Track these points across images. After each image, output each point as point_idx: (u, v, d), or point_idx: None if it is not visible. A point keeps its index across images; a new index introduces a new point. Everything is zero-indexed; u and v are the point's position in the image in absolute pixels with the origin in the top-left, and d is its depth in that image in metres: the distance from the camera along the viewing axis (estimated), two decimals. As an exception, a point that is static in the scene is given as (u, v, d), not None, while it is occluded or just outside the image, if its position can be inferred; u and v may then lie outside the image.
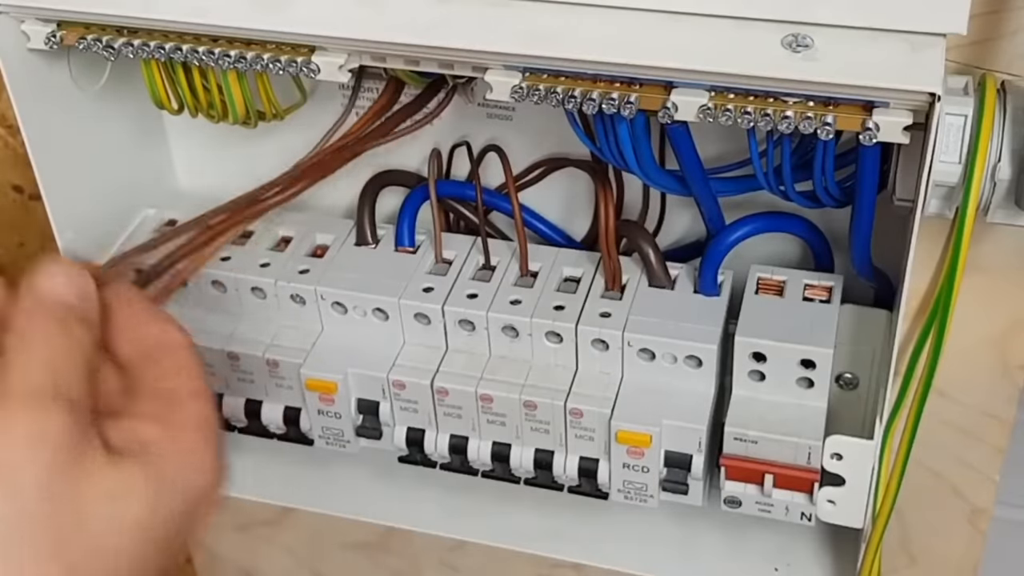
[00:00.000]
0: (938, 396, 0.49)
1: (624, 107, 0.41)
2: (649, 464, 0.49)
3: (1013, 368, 0.49)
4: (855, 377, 0.51)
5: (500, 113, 0.53)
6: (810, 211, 0.49)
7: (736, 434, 0.48)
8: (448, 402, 0.51)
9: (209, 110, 0.51)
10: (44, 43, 0.47)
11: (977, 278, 0.46)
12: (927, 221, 0.43)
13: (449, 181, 0.55)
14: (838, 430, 0.47)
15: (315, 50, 0.45)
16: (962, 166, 0.41)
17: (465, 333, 0.51)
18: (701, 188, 0.48)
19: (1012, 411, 0.50)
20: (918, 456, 0.49)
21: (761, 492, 0.49)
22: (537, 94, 0.42)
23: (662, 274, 0.51)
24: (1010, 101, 0.41)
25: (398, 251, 0.54)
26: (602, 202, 0.52)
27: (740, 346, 0.48)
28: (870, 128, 0.39)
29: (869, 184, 0.43)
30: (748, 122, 0.41)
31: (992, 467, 0.52)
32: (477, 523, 0.58)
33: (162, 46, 0.46)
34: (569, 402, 0.50)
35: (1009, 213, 0.42)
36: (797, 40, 0.40)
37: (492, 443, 0.52)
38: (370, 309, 0.52)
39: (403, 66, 0.45)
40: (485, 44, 0.42)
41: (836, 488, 0.48)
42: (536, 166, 0.54)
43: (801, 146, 0.45)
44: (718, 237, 0.50)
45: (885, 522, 0.49)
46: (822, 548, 0.56)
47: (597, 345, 0.50)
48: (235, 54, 0.45)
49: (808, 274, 0.50)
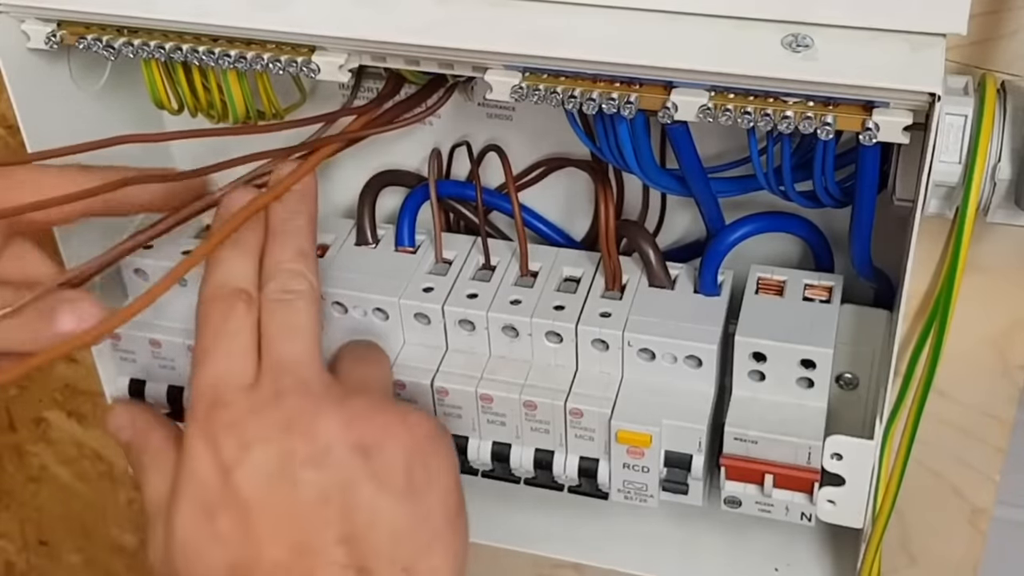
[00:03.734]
0: (938, 396, 0.49)
1: (624, 107, 0.41)
2: (649, 464, 0.49)
3: (1013, 368, 0.49)
4: (855, 377, 0.51)
5: (500, 113, 0.53)
6: (810, 211, 0.49)
7: (736, 434, 0.48)
8: (448, 402, 0.51)
9: (209, 110, 0.51)
10: (44, 43, 0.47)
11: (977, 278, 0.46)
12: (927, 221, 0.43)
13: (449, 181, 0.55)
14: (838, 430, 0.47)
15: (315, 50, 0.45)
16: (962, 166, 0.41)
17: (465, 333, 0.51)
18: (701, 188, 0.48)
19: (1012, 411, 0.50)
20: (918, 456, 0.49)
21: (761, 492, 0.49)
22: (537, 94, 0.42)
23: (662, 274, 0.51)
24: (1010, 101, 0.41)
25: (398, 251, 0.54)
26: (602, 202, 0.52)
27: (740, 346, 0.48)
28: (870, 128, 0.39)
29: (869, 184, 0.43)
30: (748, 122, 0.41)
31: (992, 467, 0.52)
32: (477, 523, 0.57)
33: (162, 46, 0.46)
34: (569, 402, 0.50)
35: (1009, 213, 0.42)
36: (797, 40, 0.40)
37: (492, 443, 0.52)
38: (370, 309, 0.52)
39: (403, 66, 0.45)
40: (485, 44, 0.42)
41: (836, 488, 0.48)
42: (536, 166, 0.54)
43: (801, 146, 0.45)
44: (718, 237, 0.50)
45: (885, 522, 0.49)
46: (822, 548, 0.56)
47: (597, 345, 0.50)
48: (235, 54, 0.45)
49: (808, 274, 0.50)
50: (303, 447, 0.40)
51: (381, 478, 0.40)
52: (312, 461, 0.39)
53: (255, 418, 0.40)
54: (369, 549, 0.39)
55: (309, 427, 0.40)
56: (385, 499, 0.40)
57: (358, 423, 0.40)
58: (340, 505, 0.39)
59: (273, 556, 0.38)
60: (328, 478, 0.39)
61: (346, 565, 0.38)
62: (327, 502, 0.39)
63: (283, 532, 0.39)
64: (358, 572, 0.38)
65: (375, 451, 0.40)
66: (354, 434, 0.40)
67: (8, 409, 0.83)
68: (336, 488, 0.39)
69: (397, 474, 0.40)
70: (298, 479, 0.39)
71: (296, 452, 0.39)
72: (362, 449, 0.40)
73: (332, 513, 0.39)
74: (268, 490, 0.39)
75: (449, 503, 0.41)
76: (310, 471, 0.39)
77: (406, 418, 0.42)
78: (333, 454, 0.40)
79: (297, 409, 0.40)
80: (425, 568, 0.39)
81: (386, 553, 0.39)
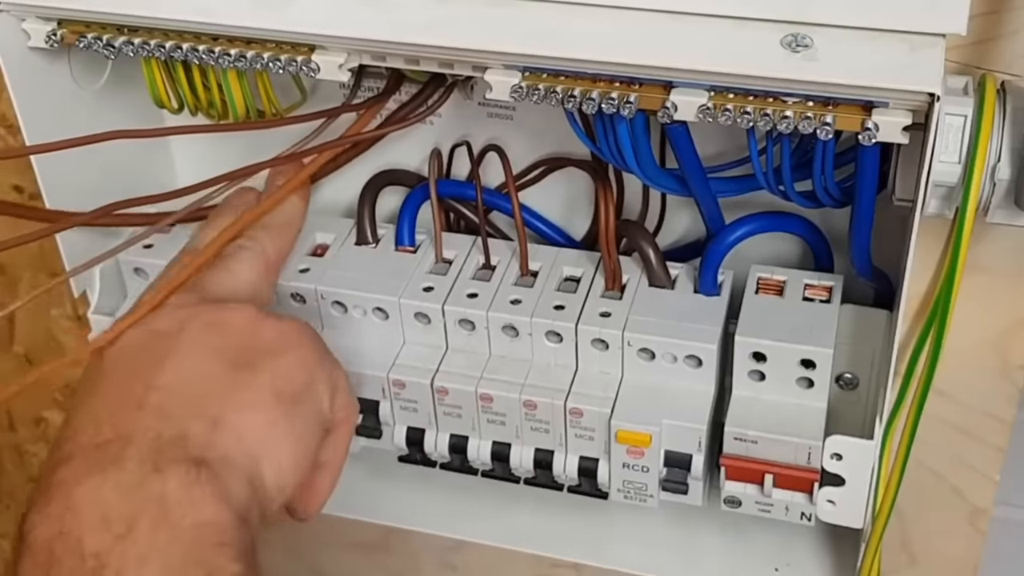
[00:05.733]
0: (938, 396, 0.49)
1: (624, 107, 0.41)
2: (649, 464, 0.49)
3: (1013, 368, 0.49)
4: (855, 377, 0.51)
5: (500, 112, 0.53)
6: (810, 211, 0.49)
7: (736, 434, 0.48)
8: (448, 402, 0.51)
9: (209, 109, 0.51)
10: (44, 42, 0.47)
11: (977, 278, 0.46)
12: (927, 221, 0.43)
13: (449, 181, 0.55)
14: (838, 430, 0.47)
15: (315, 49, 0.45)
16: (962, 166, 0.41)
17: (465, 333, 0.51)
18: (701, 188, 0.48)
19: (1012, 411, 0.50)
20: (918, 456, 0.49)
21: (761, 492, 0.49)
22: (537, 94, 0.42)
23: (662, 274, 0.51)
24: (1010, 101, 0.41)
25: (398, 251, 0.54)
26: (602, 202, 0.52)
27: (740, 346, 0.48)
28: (869, 128, 0.39)
29: (869, 184, 0.43)
30: (747, 122, 0.41)
31: (992, 467, 0.52)
32: (477, 523, 0.58)
33: (162, 45, 0.46)
34: (569, 402, 0.50)
35: (1009, 213, 0.42)
36: (797, 40, 0.40)
37: (492, 443, 0.52)
38: (370, 308, 0.52)
39: (403, 65, 0.45)
40: (485, 44, 0.42)
41: (836, 488, 0.48)
42: (536, 166, 0.54)
43: (801, 146, 0.45)
44: (718, 237, 0.50)
45: (885, 522, 0.49)
46: (822, 548, 0.56)
47: (597, 345, 0.50)
48: (235, 53, 0.45)
49: (808, 274, 0.50)
50: (164, 323, 0.44)
51: (218, 348, 0.43)
52: (168, 331, 0.44)
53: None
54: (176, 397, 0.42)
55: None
56: (211, 364, 0.43)
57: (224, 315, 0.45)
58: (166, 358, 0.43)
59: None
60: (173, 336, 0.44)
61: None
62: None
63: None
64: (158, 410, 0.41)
65: (223, 328, 0.44)
66: (213, 316, 0.44)
67: (8, 409, 0.83)
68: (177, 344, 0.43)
69: (230, 349, 0.43)
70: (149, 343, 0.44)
71: (159, 327, 0.44)
72: (213, 326, 0.44)
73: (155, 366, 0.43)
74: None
75: (278, 382, 0.43)
76: (164, 339, 0.43)
77: (277, 319, 0.45)
78: (186, 327, 0.44)
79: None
80: (234, 421, 0.41)
81: (191, 403, 0.41)
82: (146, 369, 0.42)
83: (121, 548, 0.36)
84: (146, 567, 0.36)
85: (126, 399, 0.41)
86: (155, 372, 0.42)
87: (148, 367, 0.42)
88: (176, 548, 0.37)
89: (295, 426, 0.43)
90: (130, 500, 0.38)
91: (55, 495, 0.38)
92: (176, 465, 0.39)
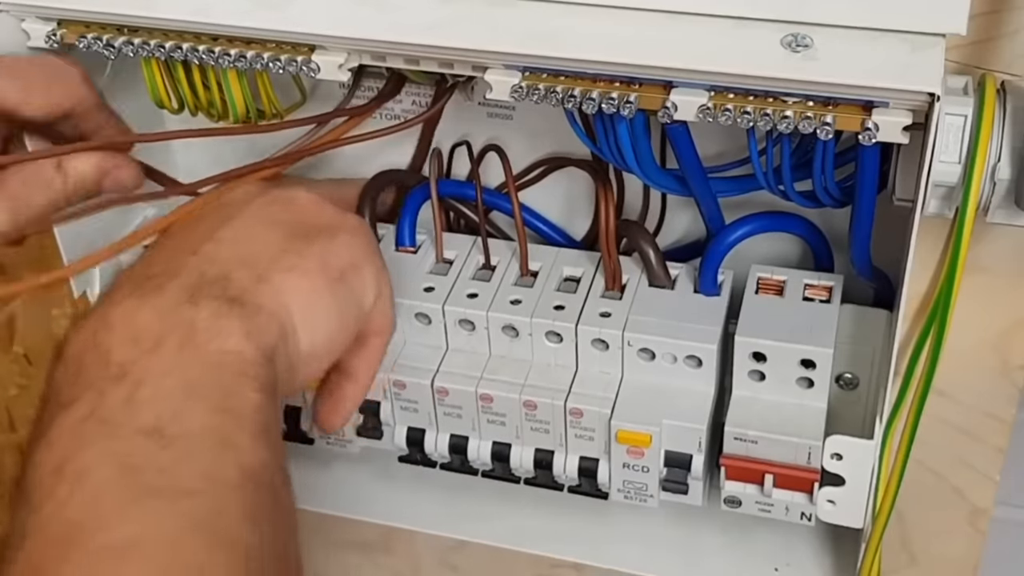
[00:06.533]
0: (938, 396, 0.49)
1: (624, 107, 0.41)
2: (649, 464, 0.49)
3: (1013, 368, 0.49)
4: (855, 377, 0.51)
5: (500, 112, 0.53)
6: (810, 211, 0.49)
7: (736, 434, 0.48)
8: (448, 402, 0.51)
9: (209, 109, 0.51)
10: (44, 41, 0.47)
11: (977, 278, 0.46)
12: (927, 221, 0.43)
13: (449, 180, 0.55)
14: (838, 430, 0.47)
15: (315, 49, 0.45)
16: (962, 166, 0.41)
17: (465, 333, 0.51)
18: (701, 188, 0.48)
19: (1012, 411, 0.50)
20: (918, 456, 0.49)
21: (761, 492, 0.49)
22: (537, 94, 0.42)
23: (662, 274, 0.51)
24: (1010, 101, 0.41)
25: (399, 251, 0.54)
26: (602, 202, 0.52)
27: (740, 346, 0.48)
28: (870, 128, 0.39)
29: (869, 184, 0.43)
30: (748, 122, 0.41)
31: (992, 467, 0.52)
32: (477, 523, 0.58)
33: (162, 45, 0.46)
34: (569, 402, 0.50)
35: (1009, 213, 0.42)
36: (797, 40, 0.40)
37: (492, 443, 0.52)
38: (370, 309, 0.52)
39: (403, 65, 0.45)
40: (485, 44, 0.42)
41: (836, 488, 0.48)
42: (536, 166, 0.54)
43: (801, 146, 0.45)
44: (718, 237, 0.50)
45: (885, 522, 0.49)
46: (822, 548, 0.56)
47: (597, 345, 0.50)
48: (235, 53, 0.45)
49: (808, 274, 0.50)
50: (234, 196, 0.48)
51: (279, 219, 0.45)
52: (236, 201, 0.47)
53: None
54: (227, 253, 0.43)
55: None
56: (269, 230, 0.45)
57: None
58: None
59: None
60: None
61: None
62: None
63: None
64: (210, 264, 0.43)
65: (288, 204, 0.46)
66: (281, 194, 0.47)
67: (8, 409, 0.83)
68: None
69: (290, 222, 0.45)
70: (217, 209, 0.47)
71: (229, 199, 0.47)
72: (279, 201, 0.46)
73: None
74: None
75: (328, 256, 0.44)
76: (231, 207, 0.46)
77: (341, 210, 0.47)
78: (254, 200, 0.46)
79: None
80: (278, 279, 0.42)
81: (241, 256, 0.43)
82: (208, 227, 0.44)
83: (145, 361, 0.38)
84: (165, 379, 0.38)
85: (183, 247, 0.43)
86: (216, 229, 0.44)
87: (211, 226, 0.44)
88: (196, 368, 0.38)
89: (336, 300, 0.44)
90: (161, 322, 0.39)
91: (95, 313, 0.40)
92: (211, 300, 0.40)
